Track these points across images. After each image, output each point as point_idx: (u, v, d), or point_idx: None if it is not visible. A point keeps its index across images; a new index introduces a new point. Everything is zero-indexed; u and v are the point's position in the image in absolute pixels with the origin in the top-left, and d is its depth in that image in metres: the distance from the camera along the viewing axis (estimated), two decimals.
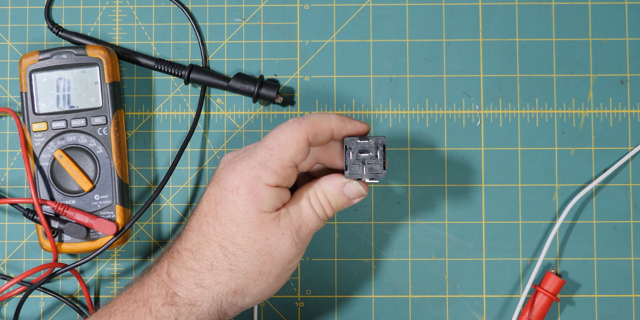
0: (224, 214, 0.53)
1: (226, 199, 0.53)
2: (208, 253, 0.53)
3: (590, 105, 0.66)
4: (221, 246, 0.53)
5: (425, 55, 0.66)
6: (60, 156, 0.62)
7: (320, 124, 0.53)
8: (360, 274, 0.65)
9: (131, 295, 0.55)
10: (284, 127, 0.53)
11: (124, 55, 0.65)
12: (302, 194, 0.55)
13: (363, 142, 0.54)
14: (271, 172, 0.52)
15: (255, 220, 0.53)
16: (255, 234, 0.53)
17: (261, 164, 0.52)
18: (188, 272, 0.53)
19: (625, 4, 0.66)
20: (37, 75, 0.62)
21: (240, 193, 0.52)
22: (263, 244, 0.53)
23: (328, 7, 0.66)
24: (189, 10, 0.66)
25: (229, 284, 0.53)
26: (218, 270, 0.53)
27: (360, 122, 0.55)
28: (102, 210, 0.62)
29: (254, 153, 0.53)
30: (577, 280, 0.65)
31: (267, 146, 0.53)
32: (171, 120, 0.66)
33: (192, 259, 0.53)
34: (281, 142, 0.52)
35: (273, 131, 0.53)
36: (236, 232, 0.53)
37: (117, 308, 0.54)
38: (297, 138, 0.52)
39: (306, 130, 0.53)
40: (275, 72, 0.66)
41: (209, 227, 0.53)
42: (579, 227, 0.65)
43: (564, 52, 0.66)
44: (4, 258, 0.65)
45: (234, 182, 0.53)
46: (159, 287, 0.54)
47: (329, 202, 0.55)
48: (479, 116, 0.66)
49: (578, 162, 0.65)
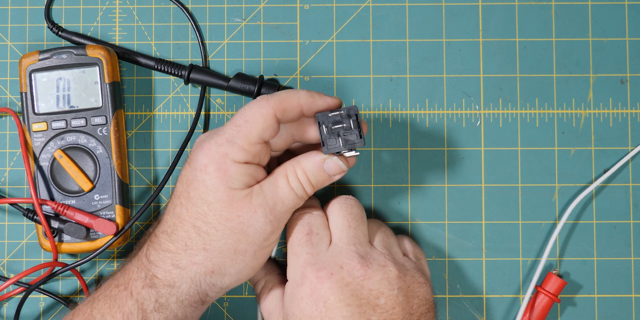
0: (195, 194, 0.53)
1: (196, 178, 0.53)
2: (182, 234, 0.53)
3: (590, 105, 0.66)
4: (194, 226, 0.53)
5: (425, 55, 0.66)
6: (60, 156, 0.62)
7: (289, 100, 0.53)
8: None
9: (114, 280, 0.55)
10: (251, 104, 0.53)
11: (124, 55, 0.65)
12: (280, 171, 0.55)
13: (334, 114, 0.54)
14: (239, 149, 0.52)
15: (225, 198, 0.52)
16: (227, 212, 0.53)
17: (228, 140, 0.52)
18: (165, 254, 0.54)
19: (625, 4, 0.66)
20: (37, 75, 0.62)
21: (209, 171, 0.52)
22: (235, 222, 0.53)
23: (328, 7, 0.66)
24: (189, 10, 0.66)
25: (205, 263, 0.53)
26: (193, 250, 0.53)
27: (332, 97, 0.55)
28: (102, 210, 0.62)
29: (221, 131, 0.53)
30: (577, 281, 0.65)
31: (234, 123, 0.53)
32: (171, 120, 0.66)
33: (168, 241, 0.54)
34: (248, 119, 0.52)
35: (241, 109, 0.53)
36: (207, 211, 0.53)
37: (100, 293, 0.55)
38: (264, 114, 0.52)
39: (274, 107, 0.52)
40: (275, 72, 0.66)
41: (182, 208, 0.54)
42: (580, 227, 0.65)
43: (564, 52, 0.66)
44: (4, 258, 0.65)
45: (203, 160, 0.53)
46: (138, 270, 0.54)
47: (308, 180, 0.55)
48: (479, 116, 0.66)
49: (578, 162, 0.65)
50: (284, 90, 0.54)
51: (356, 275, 0.53)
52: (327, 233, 0.56)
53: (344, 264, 0.53)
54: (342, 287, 0.52)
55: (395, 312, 0.53)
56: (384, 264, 0.54)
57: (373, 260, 0.54)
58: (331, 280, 0.53)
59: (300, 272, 0.54)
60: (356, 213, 0.57)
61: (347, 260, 0.54)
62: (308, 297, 0.53)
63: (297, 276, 0.54)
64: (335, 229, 0.56)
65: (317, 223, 0.56)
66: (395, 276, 0.54)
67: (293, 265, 0.55)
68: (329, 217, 0.57)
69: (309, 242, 0.55)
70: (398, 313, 0.53)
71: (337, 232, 0.56)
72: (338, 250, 0.54)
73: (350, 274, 0.53)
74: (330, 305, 0.52)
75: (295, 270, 0.55)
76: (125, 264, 0.56)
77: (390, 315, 0.53)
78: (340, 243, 0.55)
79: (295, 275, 0.54)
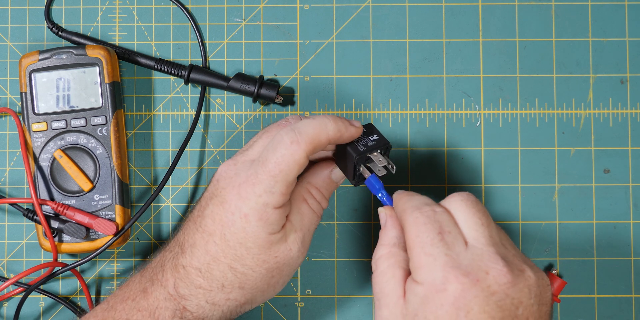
0: (232, 238, 0.53)
1: (234, 224, 0.53)
2: (217, 273, 0.54)
3: (590, 105, 0.66)
4: (230, 267, 0.53)
5: (425, 55, 0.66)
6: (60, 156, 0.62)
7: (319, 139, 0.52)
8: (360, 274, 0.65)
9: (134, 302, 0.55)
10: (283, 150, 0.52)
11: (124, 55, 0.65)
12: (297, 197, 0.55)
13: (370, 153, 0.54)
14: (278, 196, 0.52)
15: (264, 243, 0.53)
16: (265, 255, 0.53)
17: (267, 191, 0.52)
18: (198, 290, 0.54)
19: (625, 4, 0.66)
20: (37, 75, 0.62)
21: (250, 221, 0.52)
22: (272, 262, 0.54)
23: (328, 7, 0.66)
24: (189, 10, 0.66)
25: (239, 299, 0.54)
26: (228, 288, 0.54)
27: (356, 127, 0.54)
28: (102, 210, 0.62)
29: (257, 179, 0.52)
30: (577, 281, 0.65)
31: (269, 172, 0.52)
32: (171, 120, 0.66)
33: (201, 277, 0.54)
34: (283, 168, 0.52)
35: (272, 153, 0.52)
36: (245, 255, 0.53)
37: (120, 315, 0.54)
38: (297, 160, 0.52)
39: (305, 150, 0.52)
40: (275, 72, 0.66)
41: (216, 248, 0.53)
42: (580, 227, 0.65)
43: (564, 52, 0.66)
44: (4, 258, 0.65)
45: (242, 209, 0.52)
46: (166, 300, 0.54)
47: (323, 196, 0.56)
48: (479, 116, 0.66)
49: (578, 162, 0.65)
50: (310, 122, 0.52)
51: (502, 282, 0.48)
52: (459, 231, 0.50)
53: (489, 269, 0.48)
54: (488, 297, 0.47)
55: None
56: (522, 268, 0.49)
57: (512, 265, 0.49)
58: (477, 289, 0.47)
59: (441, 275, 0.48)
60: (483, 210, 0.51)
61: (492, 265, 0.48)
62: (450, 305, 0.47)
63: (437, 280, 0.48)
64: (468, 228, 0.50)
65: (445, 220, 0.50)
66: (534, 283, 0.49)
67: (429, 267, 0.49)
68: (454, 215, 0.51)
69: (443, 242, 0.49)
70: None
71: (470, 231, 0.50)
72: (479, 252, 0.49)
73: (497, 281, 0.48)
74: (472, 317, 0.47)
75: (433, 272, 0.48)
76: (144, 286, 0.55)
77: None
78: (478, 244, 0.50)
79: (434, 277, 0.48)
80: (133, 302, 0.55)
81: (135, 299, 0.55)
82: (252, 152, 0.55)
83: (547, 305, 0.50)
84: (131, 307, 0.54)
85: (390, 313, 0.50)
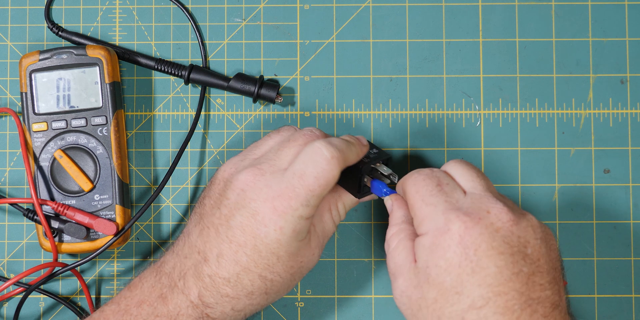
0: (265, 249, 0.53)
1: (268, 236, 0.53)
2: (247, 282, 0.54)
3: (590, 105, 0.66)
4: (260, 275, 0.54)
5: (425, 55, 0.66)
6: (60, 156, 0.62)
7: (351, 158, 0.55)
8: (360, 274, 0.65)
9: (151, 308, 0.54)
10: (324, 164, 0.52)
11: (124, 55, 0.65)
12: (324, 206, 0.57)
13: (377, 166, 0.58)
14: (312, 209, 0.53)
15: (294, 250, 0.54)
16: (293, 261, 0.54)
17: (304, 205, 0.52)
18: (224, 299, 0.54)
19: (625, 4, 0.66)
20: (37, 75, 0.62)
21: (285, 233, 0.53)
22: (297, 267, 0.55)
23: (328, 7, 0.66)
24: (189, 10, 0.66)
25: (262, 303, 0.56)
26: (254, 295, 0.55)
27: (366, 147, 0.57)
28: (102, 210, 0.62)
29: (294, 193, 0.52)
30: (578, 281, 0.65)
31: (308, 187, 0.52)
32: (171, 120, 0.66)
33: (229, 287, 0.54)
34: (322, 184, 0.52)
35: (312, 168, 0.52)
36: (276, 263, 0.54)
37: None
38: (335, 176, 0.53)
39: (340, 166, 0.53)
40: (275, 72, 0.66)
41: (247, 258, 0.53)
42: (580, 227, 0.65)
43: (564, 52, 0.66)
44: (4, 258, 0.65)
45: (278, 222, 0.53)
46: (188, 308, 0.54)
47: (345, 210, 0.58)
48: (479, 116, 0.66)
49: (578, 162, 0.65)
50: (341, 140, 0.54)
51: (504, 219, 0.48)
52: (457, 184, 0.52)
53: (489, 209, 0.49)
54: (493, 233, 0.48)
55: (540, 265, 0.48)
56: (522, 212, 0.50)
57: (513, 208, 0.50)
58: (480, 226, 0.48)
59: (442, 219, 0.49)
60: (478, 169, 0.53)
61: (492, 205, 0.49)
62: (456, 245, 0.48)
63: (440, 224, 0.49)
64: (465, 181, 0.52)
65: (442, 175, 0.52)
66: (537, 224, 0.50)
67: (431, 215, 0.50)
68: (451, 174, 0.53)
69: (442, 192, 0.51)
70: (543, 266, 0.48)
71: (467, 182, 0.52)
72: (477, 196, 0.50)
73: (499, 218, 0.48)
74: (481, 253, 0.47)
75: (435, 219, 0.49)
76: (163, 291, 0.55)
77: (537, 267, 0.48)
78: (476, 191, 0.51)
79: (436, 223, 0.49)
80: (150, 308, 0.54)
81: (153, 304, 0.55)
82: (280, 162, 0.55)
83: (556, 252, 0.51)
84: (148, 313, 0.54)
85: (404, 279, 0.51)
